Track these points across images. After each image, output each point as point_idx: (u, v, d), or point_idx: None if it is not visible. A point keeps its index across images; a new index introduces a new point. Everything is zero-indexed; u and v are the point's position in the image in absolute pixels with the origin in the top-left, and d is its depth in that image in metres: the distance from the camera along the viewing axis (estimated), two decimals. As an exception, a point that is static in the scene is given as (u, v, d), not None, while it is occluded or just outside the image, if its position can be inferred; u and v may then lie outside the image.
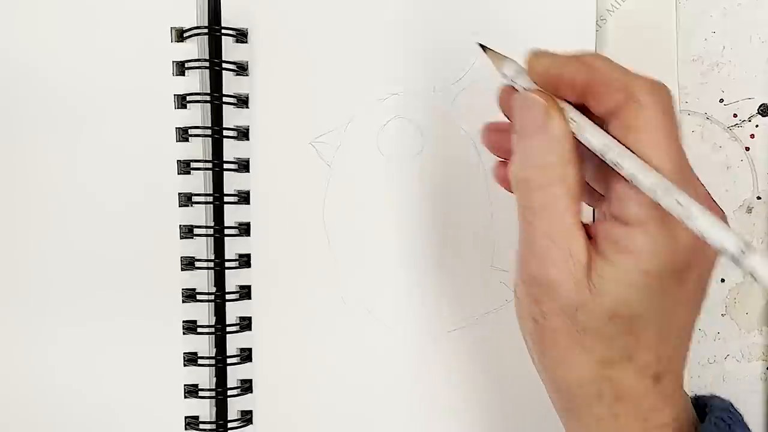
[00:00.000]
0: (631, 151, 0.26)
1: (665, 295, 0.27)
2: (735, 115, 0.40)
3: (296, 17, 0.38)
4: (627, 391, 0.28)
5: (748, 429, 0.30)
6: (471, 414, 0.39)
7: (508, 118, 0.31)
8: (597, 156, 0.27)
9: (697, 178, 0.28)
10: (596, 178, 0.30)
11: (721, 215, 0.28)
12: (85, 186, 0.37)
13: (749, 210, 0.40)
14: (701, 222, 0.24)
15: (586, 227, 0.27)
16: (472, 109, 0.38)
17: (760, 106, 0.40)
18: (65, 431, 0.38)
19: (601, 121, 0.27)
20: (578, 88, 0.27)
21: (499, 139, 0.32)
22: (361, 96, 0.38)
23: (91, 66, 0.37)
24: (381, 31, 0.38)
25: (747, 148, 0.40)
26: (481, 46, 0.31)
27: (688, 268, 0.27)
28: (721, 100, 0.40)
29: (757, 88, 0.40)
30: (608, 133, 0.26)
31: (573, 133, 0.27)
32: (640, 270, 0.26)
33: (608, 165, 0.26)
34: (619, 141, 0.26)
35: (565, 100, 0.28)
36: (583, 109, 0.28)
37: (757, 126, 0.40)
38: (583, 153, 0.27)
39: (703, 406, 0.30)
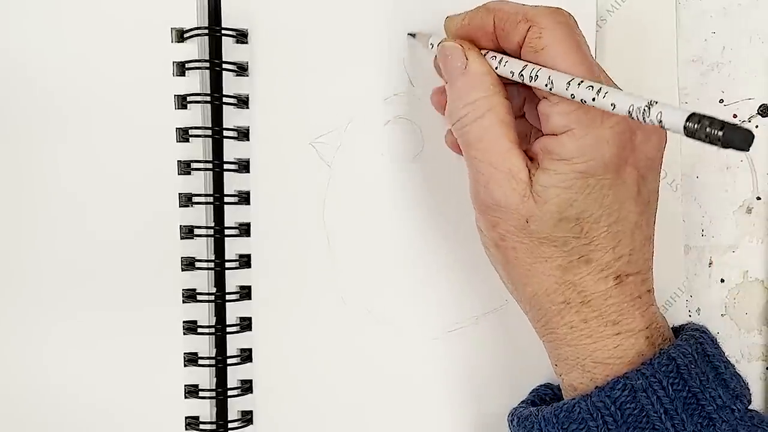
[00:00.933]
0: (542, 66, 0.29)
1: (605, 192, 0.29)
2: (735, 116, 0.40)
3: (296, 17, 0.38)
4: (591, 295, 0.30)
5: (717, 345, 0.32)
6: (471, 414, 0.39)
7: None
8: (523, 94, 0.31)
9: (612, 81, 0.31)
10: (530, 115, 0.33)
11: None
12: (85, 186, 0.37)
13: (749, 210, 0.40)
14: (610, 96, 0.26)
15: (527, 149, 0.30)
16: (472, 110, 0.38)
17: (760, 107, 0.40)
18: (66, 431, 0.38)
19: (516, 56, 0.30)
20: (489, 33, 0.31)
21: (441, 99, 0.35)
22: (361, 96, 0.38)
23: (92, 66, 0.37)
24: (381, 31, 0.38)
25: (747, 149, 0.40)
26: (410, 34, 0.35)
27: (623, 164, 0.29)
28: (721, 101, 0.40)
29: (757, 88, 0.40)
30: (520, 59, 0.30)
31: (493, 69, 0.30)
32: (574, 171, 0.29)
33: (531, 96, 0.30)
34: (529, 62, 0.29)
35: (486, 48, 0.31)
36: (500, 51, 0.31)
37: (757, 126, 0.40)
38: (511, 96, 0.31)
39: (679, 329, 0.33)
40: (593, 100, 0.27)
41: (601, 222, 0.29)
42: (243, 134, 0.38)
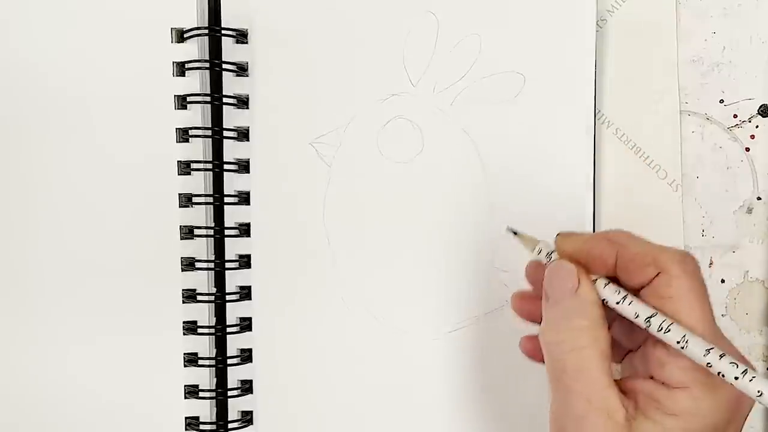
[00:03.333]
0: (671, 318, 0.27)
1: None
2: (735, 116, 0.40)
3: (296, 18, 0.38)
4: None
5: None
6: (471, 414, 0.39)
7: (534, 289, 0.33)
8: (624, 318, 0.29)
9: (728, 341, 0.29)
10: (623, 335, 0.31)
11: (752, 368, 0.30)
12: (86, 187, 0.37)
13: (749, 210, 0.40)
14: (758, 383, 0.26)
15: (617, 382, 0.29)
16: (472, 109, 0.38)
17: (760, 107, 0.40)
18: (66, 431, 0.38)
19: (634, 292, 0.29)
20: (609, 264, 0.29)
21: (525, 306, 0.34)
22: (361, 96, 0.38)
23: (92, 67, 0.37)
24: (381, 31, 0.38)
25: (747, 149, 0.40)
26: (512, 231, 0.33)
27: (728, 424, 0.28)
28: (721, 101, 0.40)
29: (757, 88, 0.40)
30: (644, 302, 0.28)
31: (605, 300, 0.29)
32: (683, 429, 0.27)
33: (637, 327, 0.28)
34: (657, 309, 0.28)
35: (598, 275, 0.30)
36: (615, 281, 0.30)
37: (757, 126, 0.40)
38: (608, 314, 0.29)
39: None
40: (736, 379, 0.26)
41: None
42: (243, 134, 0.38)
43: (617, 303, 0.29)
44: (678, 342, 0.27)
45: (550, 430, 0.30)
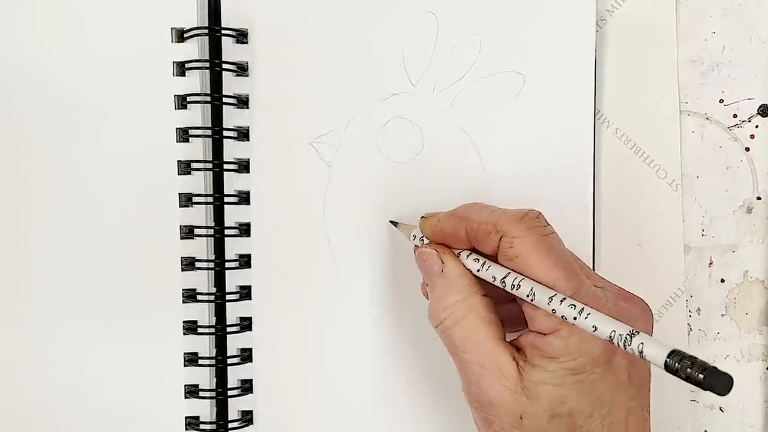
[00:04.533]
0: (522, 275, 0.29)
1: (596, 385, 0.29)
2: (735, 116, 0.40)
3: (296, 18, 0.38)
4: None
5: None
6: (470, 414, 0.39)
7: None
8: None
9: (598, 276, 0.32)
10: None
11: (636, 301, 0.31)
12: (86, 186, 0.37)
13: (749, 210, 0.40)
14: (592, 319, 0.27)
15: (512, 342, 0.31)
16: (472, 109, 0.38)
17: (760, 107, 0.40)
18: (66, 431, 0.38)
19: (493, 259, 0.31)
20: (463, 238, 0.32)
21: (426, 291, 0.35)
22: (361, 96, 0.38)
23: (92, 67, 0.37)
24: (381, 31, 0.38)
25: (747, 149, 0.40)
26: (392, 222, 0.37)
27: (613, 356, 0.29)
28: (721, 101, 0.40)
29: (757, 88, 0.40)
30: (500, 265, 0.31)
31: (470, 270, 0.31)
32: (564, 369, 0.29)
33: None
34: (510, 269, 0.30)
35: (462, 249, 0.32)
36: (477, 252, 0.32)
37: (757, 126, 0.40)
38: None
39: None
40: (574, 319, 0.27)
41: (594, 415, 0.29)
42: (243, 134, 0.38)
43: (478, 271, 0.31)
44: (528, 296, 0.29)
45: (467, 402, 0.32)
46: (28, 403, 0.38)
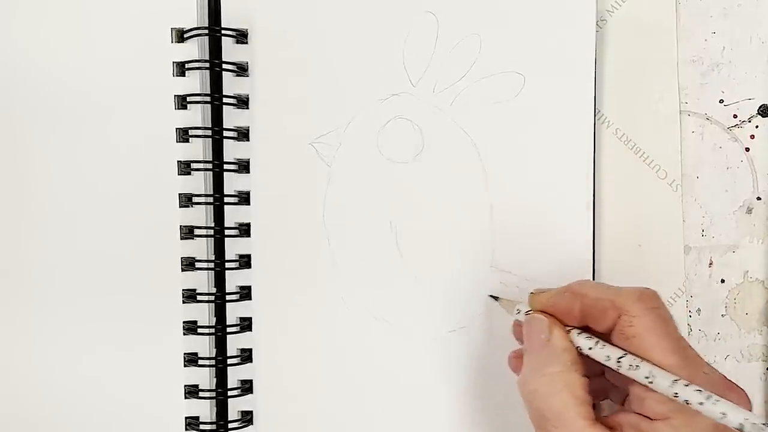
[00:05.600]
0: (639, 357, 0.29)
1: None
2: (735, 116, 0.40)
3: (296, 18, 0.38)
4: None
5: None
6: (471, 413, 0.39)
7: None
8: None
9: (705, 362, 0.31)
10: (613, 377, 0.33)
11: (738, 391, 0.31)
12: (86, 187, 0.37)
13: (749, 210, 0.40)
14: (721, 405, 0.26)
15: (605, 419, 0.30)
16: (472, 109, 0.38)
17: (760, 107, 0.40)
18: (66, 431, 0.38)
19: (606, 337, 0.31)
20: (576, 315, 0.31)
21: (519, 364, 0.35)
22: (361, 96, 0.38)
23: (92, 67, 0.37)
24: (381, 31, 0.38)
25: (747, 149, 0.40)
26: (493, 297, 0.37)
27: None
28: (721, 101, 0.40)
29: (757, 88, 0.40)
30: (614, 345, 0.30)
31: (579, 348, 0.31)
32: None
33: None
34: (626, 350, 0.29)
35: (572, 326, 0.32)
36: (588, 329, 0.31)
37: (757, 126, 0.40)
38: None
39: None
40: (700, 404, 0.27)
41: None
42: (243, 134, 0.38)
43: (590, 348, 0.31)
44: (646, 377, 0.28)
45: None
46: (29, 403, 0.38)
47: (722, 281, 0.40)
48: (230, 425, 0.38)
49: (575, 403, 0.30)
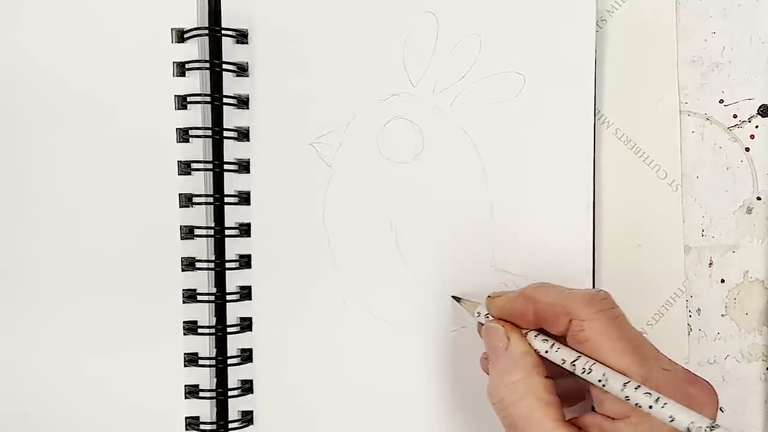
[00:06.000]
0: (593, 359, 0.29)
1: None
2: (735, 116, 0.40)
3: (296, 18, 0.38)
4: None
5: None
6: (471, 414, 0.39)
7: None
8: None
9: (666, 358, 0.31)
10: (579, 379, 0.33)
11: (702, 384, 0.31)
12: (86, 187, 0.37)
13: (749, 210, 0.40)
14: (669, 409, 0.27)
15: (574, 420, 0.30)
16: (472, 109, 0.38)
17: (760, 107, 0.40)
18: (67, 431, 0.38)
19: (561, 340, 0.31)
20: (531, 319, 0.32)
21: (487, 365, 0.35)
22: (361, 96, 0.38)
23: (92, 67, 0.37)
24: (381, 31, 0.38)
25: (747, 149, 0.40)
26: (455, 298, 0.37)
27: None
28: (721, 101, 0.40)
29: (757, 88, 0.40)
30: (570, 347, 0.30)
31: (537, 351, 0.31)
32: None
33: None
34: (580, 353, 0.30)
35: (529, 329, 0.32)
36: (544, 332, 0.32)
37: (757, 126, 0.40)
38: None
39: None
40: (650, 407, 0.27)
41: None
42: (243, 134, 0.38)
43: (546, 352, 0.31)
44: (599, 381, 0.29)
45: None
46: (29, 403, 0.38)
47: (722, 281, 0.40)
48: (230, 425, 0.38)
49: (541, 406, 0.30)
